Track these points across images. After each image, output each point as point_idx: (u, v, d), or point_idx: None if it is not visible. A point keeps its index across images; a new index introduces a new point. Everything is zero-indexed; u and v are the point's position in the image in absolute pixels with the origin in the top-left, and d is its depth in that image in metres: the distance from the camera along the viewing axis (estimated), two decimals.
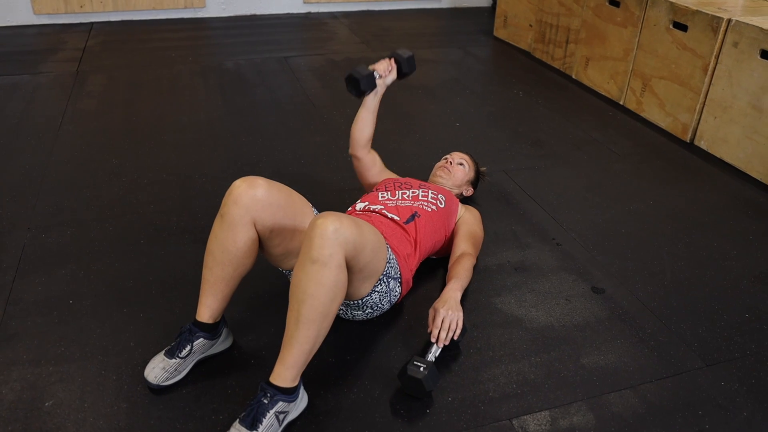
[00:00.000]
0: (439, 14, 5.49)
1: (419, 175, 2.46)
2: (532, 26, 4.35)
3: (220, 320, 1.66)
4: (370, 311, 1.76)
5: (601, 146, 3.06)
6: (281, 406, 1.44)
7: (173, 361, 1.59)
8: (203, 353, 1.65)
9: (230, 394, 1.60)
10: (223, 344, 1.70)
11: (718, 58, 2.92)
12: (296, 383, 1.47)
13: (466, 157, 2.38)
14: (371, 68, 2.11)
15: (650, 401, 1.62)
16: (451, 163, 2.32)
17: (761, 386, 1.69)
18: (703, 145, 3.06)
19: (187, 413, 1.53)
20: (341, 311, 1.78)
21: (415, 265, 1.90)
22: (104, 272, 2.03)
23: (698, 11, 2.97)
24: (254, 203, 1.57)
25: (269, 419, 1.42)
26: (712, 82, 2.97)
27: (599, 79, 3.73)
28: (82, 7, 4.73)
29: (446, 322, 1.70)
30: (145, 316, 1.85)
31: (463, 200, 2.40)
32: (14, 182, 2.54)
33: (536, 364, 1.73)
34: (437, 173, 2.32)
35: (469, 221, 2.13)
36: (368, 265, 1.57)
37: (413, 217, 1.94)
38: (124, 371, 1.65)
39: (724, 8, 3.02)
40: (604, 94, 3.70)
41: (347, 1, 5.39)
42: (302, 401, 1.53)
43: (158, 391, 1.59)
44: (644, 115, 3.40)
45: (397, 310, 1.90)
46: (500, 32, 4.77)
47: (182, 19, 5.00)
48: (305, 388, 1.55)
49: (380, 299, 1.73)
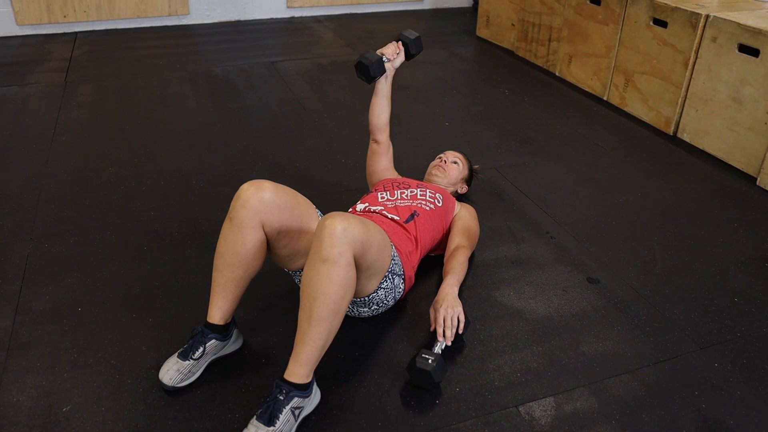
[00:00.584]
0: (421, 15, 5.55)
1: (414, 175, 2.51)
2: (514, 25, 4.42)
3: (230, 321, 1.70)
4: (375, 308, 1.81)
5: (587, 141, 3.14)
6: (297, 401, 1.48)
7: (187, 362, 1.63)
8: (215, 354, 1.69)
9: (244, 392, 1.64)
10: (234, 345, 1.74)
11: (697, 52, 3.01)
12: (310, 379, 1.52)
13: (459, 155, 2.44)
14: (379, 53, 2.10)
15: (649, 384, 1.69)
16: (445, 162, 2.38)
17: (752, 366, 1.77)
18: (686, 137, 3.16)
19: (203, 412, 1.57)
20: (348, 309, 1.82)
21: (416, 262, 1.95)
22: (110, 279, 2.06)
23: (677, 8, 3.06)
24: (262, 206, 1.61)
25: (285, 415, 1.46)
26: (692, 76, 3.06)
27: (583, 75, 3.81)
28: (65, 17, 4.72)
29: (448, 319, 1.75)
30: (154, 320, 1.88)
31: (458, 198, 2.45)
32: (12, 194, 2.55)
33: (538, 353, 1.79)
34: (432, 172, 2.38)
35: (464, 217, 2.19)
36: (375, 262, 1.62)
37: (413, 216, 2.00)
38: (138, 375, 1.68)
39: (702, 4, 3.11)
40: (588, 90, 3.79)
41: (330, 4, 5.43)
42: (316, 397, 1.57)
43: (173, 392, 1.62)
44: (628, 109, 3.49)
45: (400, 306, 1.95)
46: (483, 32, 4.85)
47: (167, 26, 5.01)
48: (317, 384, 1.59)
49: (386, 296, 1.78)
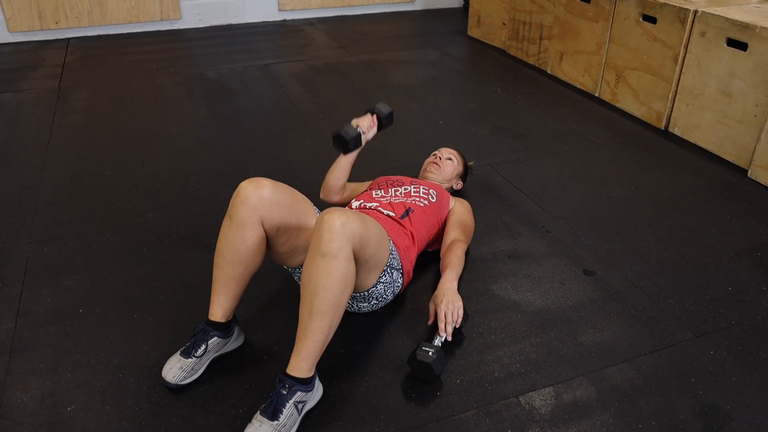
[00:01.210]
0: (412, 16, 5.58)
1: (408, 173, 2.54)
2: (505, 24, 4.46)
3: (232, 318, 1.72)
4: (375, 302, 1.83)
5: (580, 137, 3.17)
6: (299, 396, 1.50)
7: (190, 360, 1.64)
8: (217, 352, 1.71)
9: (247, 389, 1.65)
10: (235, 342, 1.76)
11: (687, 47, 3.05)
12: (312, 373, 1.53)
13: (453, 152, 2.46)
14: (355, 123, 2.15)
15: (646, 372, 1.72)
16: (440, 158, 2.40)
17: (747, 353, 1.80)
18: (677, 131, 3.19)
19: (207, 409, 1.59)
20: (348, 305, 1.84)
21: (414, 256, 1.97)
22: (110, 281, 2.07)
23: (666, 4, 3.10)
24: (261, 203, 1.63)
25: (289, 409, 1.48)
26: (682, 71, 3.10)
27: (574, 72, 3.84)
28: (57, 23, 4.73)
29: (449, 314, 1.77)
30: (155, 320, 1.89)
31: (453, 193, 2.48)
32: (9, 198, 2.56)
33: (536, 344, 1.81)
34: (427, 169, 2.40)
35: (459, 211, 2.21)
36: (374, 256, 1.64)
37: (407, 212, 2.02)
38: (141, 373, 1.69)
39: (690, 0, 3.15)
40: (579, 87, 3.82)
41: (321, 7, 5.45)
42: (318, 391, 1.59)
43: (177, 390, 1.64)
44: (619, 105, 3.53)
45: (399, 301, 1.97)
46: (474, 31, 4.88)
47: (159, 31, 5.02)
48: (320, 379, 1.61)
49: (385, 290, 1.80)
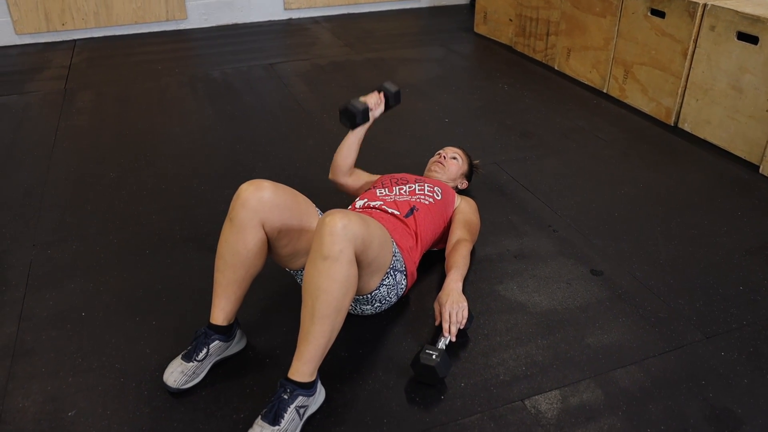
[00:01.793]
0: (419, 13, 5.55)
1: (413, 171, 2.51)
2: (512, 20, 4.41)
3: (233, 322, 1.70)
4: (378, 305, 1.81)
5: (588, 134, 3.13)
6: (301, 400, 1.48)
7: (191, 364, 1.63)
8: (219, 355, 1.69)
9: (248, 393, 1.64)
10: (237, 345, 1.74)
11: (696, 42, 3.00)
12: (314, 378, 1.51)
13: (458, 150, 2.43)
14: (362, 100, 2.19)
15: (655, 375, 1.68)
16: (444, 157, 2.37)
17: (759, 354, 1.76)
18: (687, 127, 3.14)
19: (208, 413, 1.57)
20: (351, 307, 1.82)
21: (418, 257, 1.95)
22: (113, 283, 2.06)
23: None
24: (262, 205, 1.61)
25: (290, 414, 1.46)
26: (692, 65, 3.05)
27: (582, 68, 3.80)
28: (64, 24, 4.73)
29: (453, 315, 1.75)
30: (157, 323, 1.88)
31: (458, 192, 2.45)
32: (14, 201, 2.56)
33: (543, 346, 1.78)
34: (432, 168, 2.37)
35: (464, 210, 2.18)
36: (376, 259, 1.62)
37: (412, 211, 1.99)
38: (142, 378, 1.68)
39: None
40: (587, 83, 3.77)
41: (327, 5, 5.43)
42: (320, 395, 1.57)
43: (178, 394, 1.62)
44: (628, 101, 3.48)
45: (403, 303, 1.94)
46: (481, 28, 4.84)
47: (165, 31, 5.01)
48: (322, 383, 1.59)
49: (388, 292, 1.78)
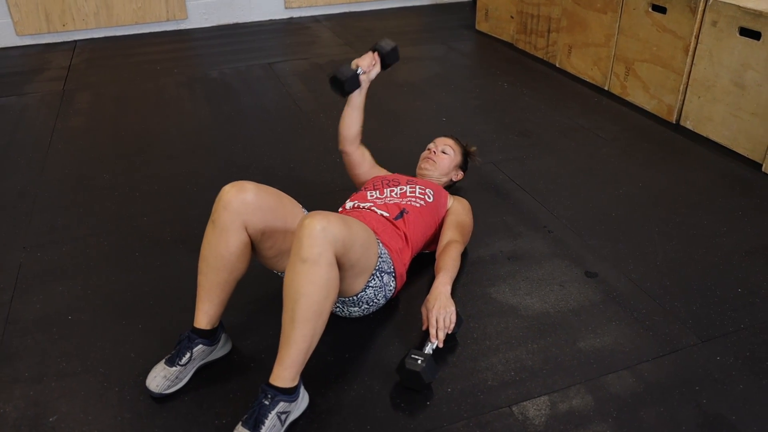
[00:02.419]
0: (420, 11, 5.51)
1: (409, 171, 2.48)
2: (513, 18, 4.37)
3: (218, 326, 1.68)
4: (366, 307, 1.78)
5: (588, 132, 3.08)
6: (282, 406, 1.45)
7: (174, 369, 1.61)
8: (203, 359, 1.67)
9: (232, 398, 1.61)
10: (222, 350, 1.72)
11: (698, 38, 2.95)
12: (296, 383, 1.48)
13: (450, 141, 2.37)
14: (354, 64, 2.09)
15: (648, 380, 1.64)
16: (434, 152, 2.32)
17: (756, 359, 1.71)
18: (689, 125, 3.09)
19: (190, 419, 1.55)
20: (337, 309, 1.79)
21: (408, 259, 1.91)
22: (101, 286, 2.04)
23: None
24: (244, 207, 1.59)
25: (271, 420, 1.43)
26: (693, 62, 2.99)
27: (583, 66, 3.75)
28: (64, 25, 4.73)
29: (440, 320, 1.70)
30: (144, 327, 1.86)
31: (453, 188, 2.41)
32: (7, 202, 2.55)
33: (533, 350, 1.75)
34: (422, 166, 2.32)
35: (457, 211, 2.13)
36: (359, 261, 1.59)
37: (402, 213, 1.96)
38: (126, 382, 1.66)
39: None
40: (588, 80, 3.72)
41: (328, 3, 5.40)
42: (303, 401, 1.54)
43: (161, 399, 1.60)
44: (629, 99, 3.43)
45: (392, 305, 1.91)
46: (482, 25, 4.79)
47: (165, 31, 5.00)
48: (305, 387, 1.56)
49: (375, 294, 1.75)
